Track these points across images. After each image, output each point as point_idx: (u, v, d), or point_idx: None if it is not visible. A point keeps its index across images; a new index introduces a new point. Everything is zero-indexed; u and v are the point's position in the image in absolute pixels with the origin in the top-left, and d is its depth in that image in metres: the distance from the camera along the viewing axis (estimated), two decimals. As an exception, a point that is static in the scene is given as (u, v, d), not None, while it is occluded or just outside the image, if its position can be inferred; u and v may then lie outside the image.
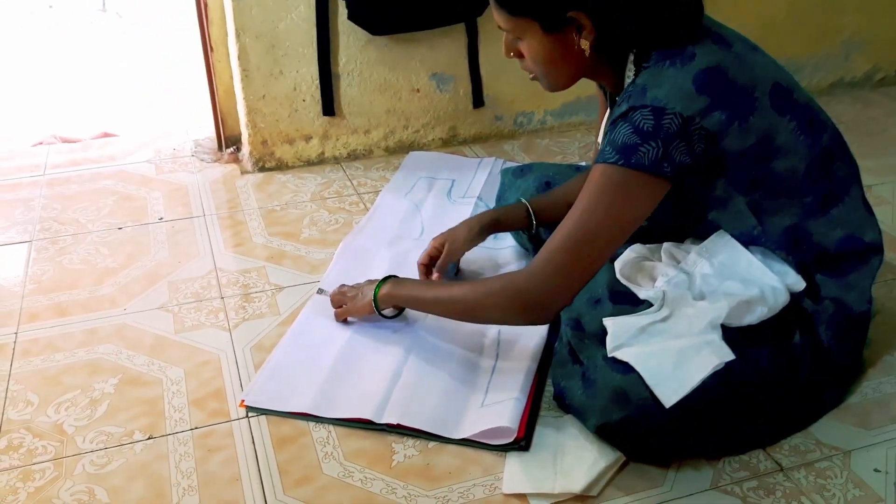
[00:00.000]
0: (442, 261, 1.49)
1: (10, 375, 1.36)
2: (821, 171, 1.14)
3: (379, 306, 1.38)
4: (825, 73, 2.52)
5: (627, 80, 1.13)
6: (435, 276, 1.49)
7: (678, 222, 1.22)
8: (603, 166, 1.09)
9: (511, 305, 1.17)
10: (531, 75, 1.21)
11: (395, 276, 1.39)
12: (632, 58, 1.12)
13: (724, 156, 1.08)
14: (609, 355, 1.11)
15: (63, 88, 2.89)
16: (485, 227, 1.51)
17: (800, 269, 1.15)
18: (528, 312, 1.17)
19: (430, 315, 1.43)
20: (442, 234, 1.53)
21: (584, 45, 1.10)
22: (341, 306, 1.44)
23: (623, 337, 1.11)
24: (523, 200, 1.51)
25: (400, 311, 1.43)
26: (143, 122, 2.49)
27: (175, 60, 3.14)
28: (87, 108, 2.65)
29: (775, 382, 1.12)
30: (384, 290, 1.36)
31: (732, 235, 1.17)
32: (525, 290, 1.15)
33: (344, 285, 1.47)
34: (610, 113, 1.27)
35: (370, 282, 1.41)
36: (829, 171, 1.15)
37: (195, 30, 2.07)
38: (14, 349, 1.42)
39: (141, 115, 2.56)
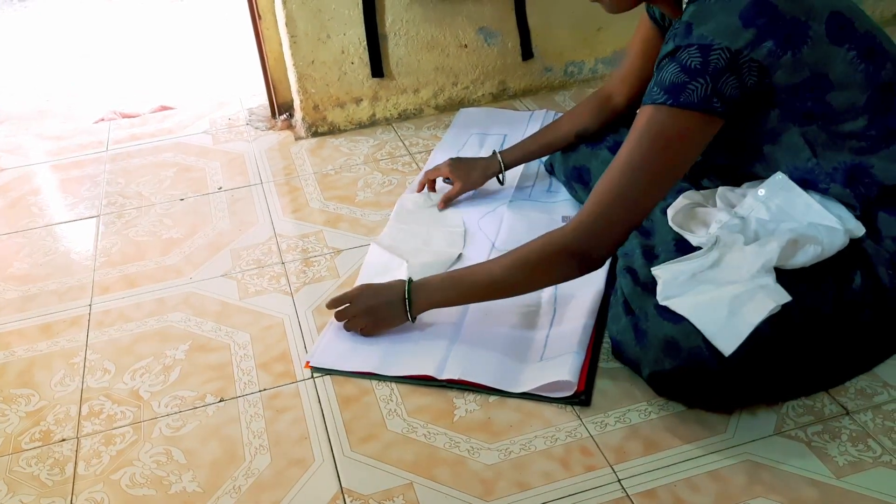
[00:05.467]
0: (452, 195, 1.68)
1: (86, 345, 1.42)
2: (883, 102, 1.09)
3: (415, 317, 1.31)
4: (890, 2, 2.41)
5: (685, 2, 1.11)
6: (440, 204, 1.68)
7: (732, 157, 1.20)
8: (650, 108, 1.07)
9: (562, 265, 1.17)
10: None
11: (415, 284, 1.29)
12: None
13: (776, 89, 1.06)
14: (660, 304, 1.10)
15: (117, 64, 2.95)
16: (491, 175, 1.68)
17: (862, 205, 1.12)
18: (580, 266, 1.17)
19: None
20: (458, 164, 1.68)
21: None
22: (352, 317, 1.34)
23: (673, 285, 1.10)
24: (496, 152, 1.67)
25: None
26: (197, 93, 2.53)
27: (224, 30, 3.17)
28: (143, 83, 2.71)
29: (834, 326, 1.10)
30: (419, 304, 1.29)
31: (787, 170, 1.14)
32: (572, 246, 1.14)
33: (345, 300, 1.34)
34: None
35: (389, 302, 1.30)
36: (892, 103, 1.11)
37: (242, -1, 2.09)
38: (89, 320, 1.49)
39: (195, 87, 2.61)
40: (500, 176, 1.68)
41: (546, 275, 1.21)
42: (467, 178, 1.67)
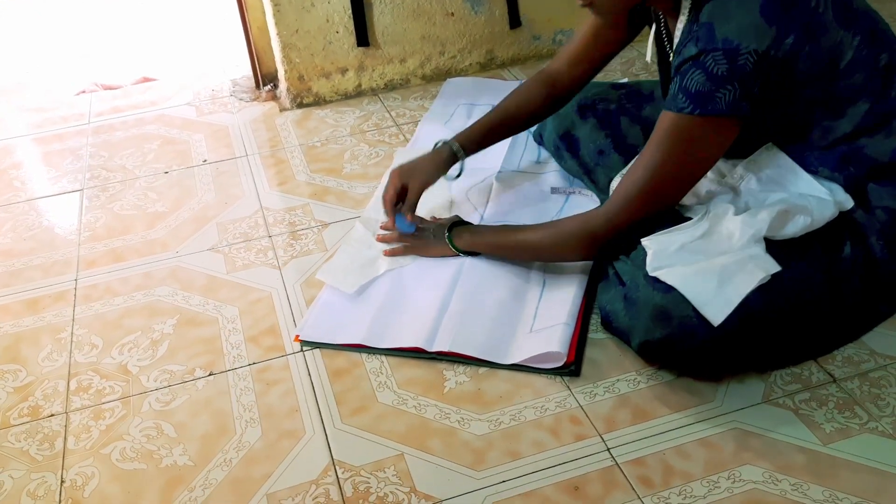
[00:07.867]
0: (410, 200, 1.43)
1: (73, 320, 1.41)
2: (882, 86, 1.08)
3: (459, 251, 1.41)
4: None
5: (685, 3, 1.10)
6: (408, 217, 1.43)
7: (732, 146, 1.19)
8: (676, 115, 1.07)
9: (587, 248, 1.25)
10: (582, 1, 1.14)
11: (466, 223, 1.43)
12: None
13: (795, 82, 1.04)
14: (650, 275, 1.11)
15: (98, 35, 2.90)
16: (445, 161, 1.47)
17: (853, 184, 1.11)
18: (601, 251, 1.24)
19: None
20: (404, 169, 1.45)
21: None
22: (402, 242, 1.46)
23: (663, 256, 1.10)
24: (449, 143, 1.48)
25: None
26: (180, 64, 2.49)
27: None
28: (124, 54, 2.67)
29: (824, 295, 1.10)
30: (463, 238, 1.39)
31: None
32: (602, 235, 1.21)
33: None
34: (657, 30, 1.23)
35: (439, 224, 1.44)
36: (888, 87, 1.08)
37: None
38: (75, 295, 1.48)
39: (178, 58, 2.57)
40: (460, 164, 1.49)
41: (572, 253, 1.30)
42: (421, 175, 1.46)
